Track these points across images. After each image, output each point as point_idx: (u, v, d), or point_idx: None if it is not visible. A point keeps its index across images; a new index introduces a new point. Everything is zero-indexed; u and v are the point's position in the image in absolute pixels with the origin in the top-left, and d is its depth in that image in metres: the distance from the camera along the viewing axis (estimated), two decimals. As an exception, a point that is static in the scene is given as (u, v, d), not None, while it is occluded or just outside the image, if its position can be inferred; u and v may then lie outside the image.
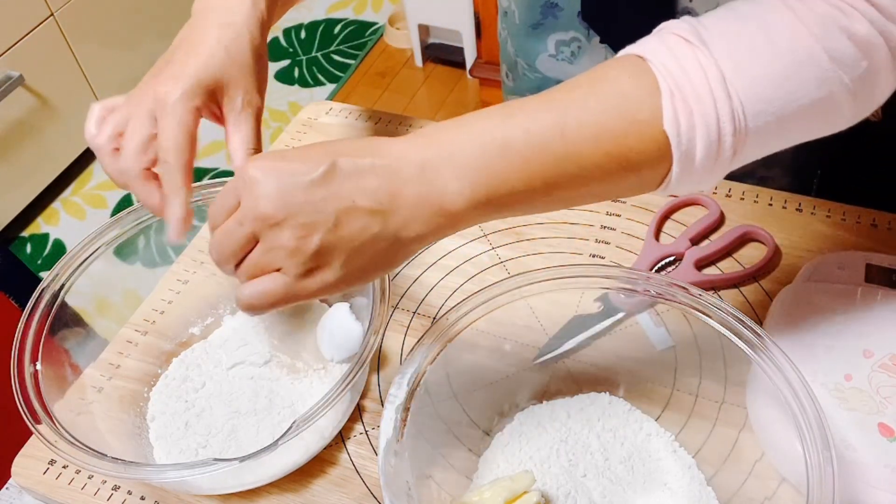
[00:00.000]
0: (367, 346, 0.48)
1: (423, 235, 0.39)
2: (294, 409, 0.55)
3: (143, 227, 0.57)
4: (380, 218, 0.38)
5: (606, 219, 0.65)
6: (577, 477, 0.49)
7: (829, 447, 0.40)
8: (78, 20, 1.73)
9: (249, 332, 0.59)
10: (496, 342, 0.55)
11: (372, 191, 0.38)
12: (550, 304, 0.54)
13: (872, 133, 0.62)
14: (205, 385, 0.57)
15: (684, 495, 0.48)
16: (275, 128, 1.93)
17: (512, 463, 0.50)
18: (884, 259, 0.56)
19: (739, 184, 0.67)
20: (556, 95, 0.40)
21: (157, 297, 0.63)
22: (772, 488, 0.47)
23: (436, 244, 0.65)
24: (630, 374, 0.54)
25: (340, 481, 0.52)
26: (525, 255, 0.63)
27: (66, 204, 1.80)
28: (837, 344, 0.51)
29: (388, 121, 0.77)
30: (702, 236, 0.63)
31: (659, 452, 0.50)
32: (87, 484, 0.53)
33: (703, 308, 0.47)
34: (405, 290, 0.62)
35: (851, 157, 0.74)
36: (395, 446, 0.43)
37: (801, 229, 0.63)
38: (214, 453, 0.53)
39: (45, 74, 1.67)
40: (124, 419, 0.55)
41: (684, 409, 0.51)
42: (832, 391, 0.49)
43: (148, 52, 1.95)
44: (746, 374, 0.48)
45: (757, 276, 0.60)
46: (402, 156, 0.39)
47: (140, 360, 0.59)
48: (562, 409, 0.53)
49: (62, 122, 1.75)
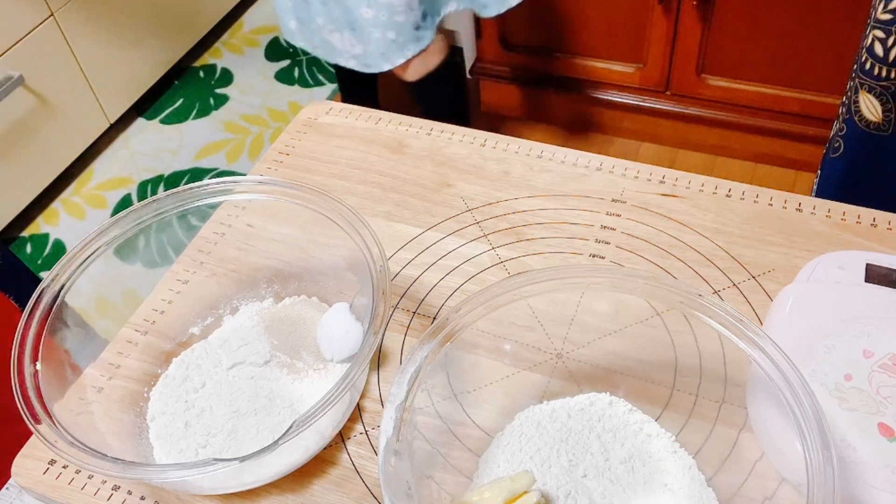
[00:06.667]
0: (367, 346, 0.48)
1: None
2: (294, 409, 0.55)
3: (143, 227, 0.57)
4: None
5: (606, 219, 0.65)
6: (578, 477, 0.49)
7: (829, 447, 0.40)
8: (78, 20, 1.73)
9: (249, 332, 0.59)
10: (496, 342, 0.55)
11: None
12: (550, 304, 0.54)
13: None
14: (205, 385, 0.57)
15: (684, 496, 0.48)
16: (275, 128, 1.93)
17: (512, 463, 0.50)
18: (884, 259, 0.56)
19: (739, 184, 0.67)
20: None
21: (157, 297, 0.63)
22: (772, 488, 0.47)
23: (436, 244, 0.65)
24: (630, 374, 0.54)
25: (340, 481, 0.52)
26: (525, 255, 0.63)
27: (66, 204, 1.80)
28: (837, 344, 0.51)
29: (388, 121, 0.77)
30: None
31: (659, 453, 0.50)
32: (87, 484, 0.53)
33: (704, 308, 0.47)
34: (405, 290, 0.62)
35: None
36: (395, 446, 0.43)
37: (801, 229, 0.63)
38: (214, 453, 0.53)
39: (45, 74, 1.67)
40: (124, 419, 0.55)
41: (684, 409, 0.51)
42: (832, 391, 0.49)
43: (148, 52, 1.96)
44: (746, 374, 0.48)
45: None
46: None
47: (140, 360, 0.59)
48: (562, 409, 0.53)
49: (62, 122, 1.74)
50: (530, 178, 0.70)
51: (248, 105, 2.00)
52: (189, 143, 1.91)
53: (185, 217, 0.59)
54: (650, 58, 1.59)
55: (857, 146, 0.88)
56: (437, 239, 0.65)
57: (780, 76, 1.52)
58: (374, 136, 0.75)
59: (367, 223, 0.54)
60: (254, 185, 0.57)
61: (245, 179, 0.58)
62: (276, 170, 0.73)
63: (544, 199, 0.68)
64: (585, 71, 1.67)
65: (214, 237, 0.65)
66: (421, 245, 0.65)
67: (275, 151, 0.75)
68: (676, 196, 0.67)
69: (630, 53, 1.61)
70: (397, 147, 0.74)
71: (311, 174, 0.72)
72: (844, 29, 1.39)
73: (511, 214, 0.67)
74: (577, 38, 1.63)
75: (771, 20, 1.45)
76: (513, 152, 0.72)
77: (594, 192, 0.68)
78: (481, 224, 0.66)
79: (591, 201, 0.67)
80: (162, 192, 0.86)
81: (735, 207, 0.65)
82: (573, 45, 1.64)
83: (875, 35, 0.80)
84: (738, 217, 0.64)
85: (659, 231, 0.64)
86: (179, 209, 0.57)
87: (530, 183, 0.69)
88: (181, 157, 1.88)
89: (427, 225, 0.67)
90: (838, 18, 1.39)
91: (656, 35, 1.54)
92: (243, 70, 2.10)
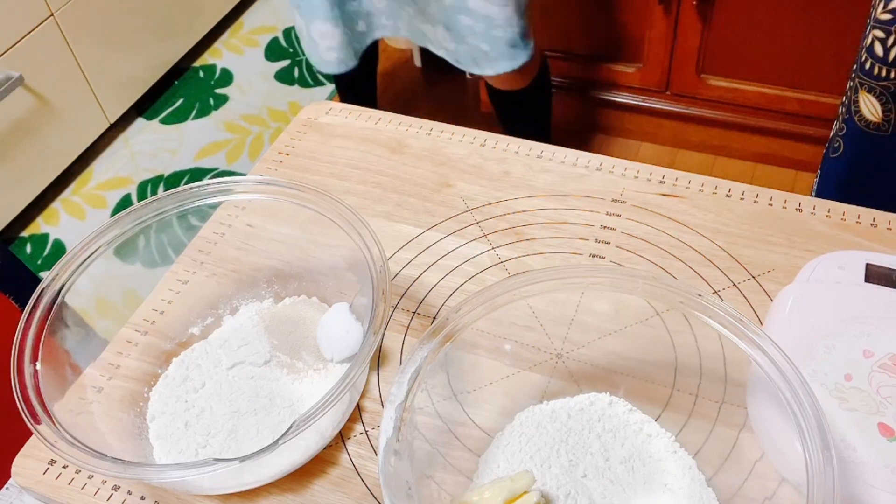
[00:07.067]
0: (367, 346, 0.48)
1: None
2: (294, 409, 0.55)
3: (143, 227, 0.57)
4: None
5: (606, 219, 0.65)
6: (578, 477, 0.49)
7: (829, 447, 0.40)
8: (78, 20, 1.73)
9: (249, 332, 0.59)
10: (496, 342, 0.55)
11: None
12: (550, 304, 0.54)
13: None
14: (205, 385, 0.57)
15: (685, 496, 0.48)
16: (275, 128, 1.93)
17: (512, 463, 0.50)
18: (884, 259, 0.56)
19: (739, 184, 0.67)
20: None
21: (157, 297, 0.63)
22: (772, 488, 0.47)
23: (436, 244, 0.65)
24: (630, 374, 0.54)
25: (340, 481, 0.52)
26: (525, 255, 0.63)
27: (66, 204, 1.80)
28: (837, 344, 0.51)
29: (388, 121, 0.77)
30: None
31: (659, 453, 0.50)
32: (87, 484, 0.53)
33: (703, 308, 0.47)
34: (405, 290, 0.62)
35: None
36: (395, 446, 0.43)
37: (801, 229, 0.63)
38: (214, 453, 0.53)
39: (45, 74, 1.67)
40: (124, 419, 0.55)
41: (684, 409, 0.51)
42: (832, 391, 0.49)
43: (148, 52, 1.96)
44: (746, 374, 0.48)
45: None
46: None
47: (140, 360, 0.59)
48: (562, 409, 0.53)
49: (62, 122, 1.75)
50: (530, 178, 0.70)
51: (248, 105, 2.00)
52: (189, 143, 1.91)
53: (185, 217, 0.59)
54: (650, 58, 1.59)
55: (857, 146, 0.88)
56: (437, 239, 0.65)
57: (780, 76, 1.52)
58: (374, 136, 0.75)
59: (367, 223, 0.54)
60: (254, 185, 0.57)
61: (245, 179, 0.58)
62: (276, 170, 0.73)
63: (544, 199, 0.68)
64: (585, 71, 1.67)
65: (214, 237, 0.65)
66: (421, 245, 0.65)
67: (275, 151, 0.75)
68: (676, 196, 0.67)
69: (630, 53, 1.61)
70: (397, 147, 0.74)
71: (310, 174, 0.72)
72: (844, 29, 1.39)
73: (511, 214, 0.67)
74: (577, 38, 1.63)
75: (771, 20, 1.45)
76: (513, 152, 0.72)
77: (594, 192, 0.68)
78: (481, 224, 0.66)
79: (591, 201, 0.67)
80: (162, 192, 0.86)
81: (735, 207, 0.65)
82: (573, 46, 1.64)
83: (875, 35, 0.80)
84: (738, 217, 0.64)
85: (659, 231, 0.64)
86: (179, 209, 0.57)
87: (530, 183, 0.69)
88: (181, 157, 1.88)
89: (427, 225, 0.67)
90: (838, 18, 1.39)
91: (656, 35, 1.54)
92: (243, 70, 2.10)
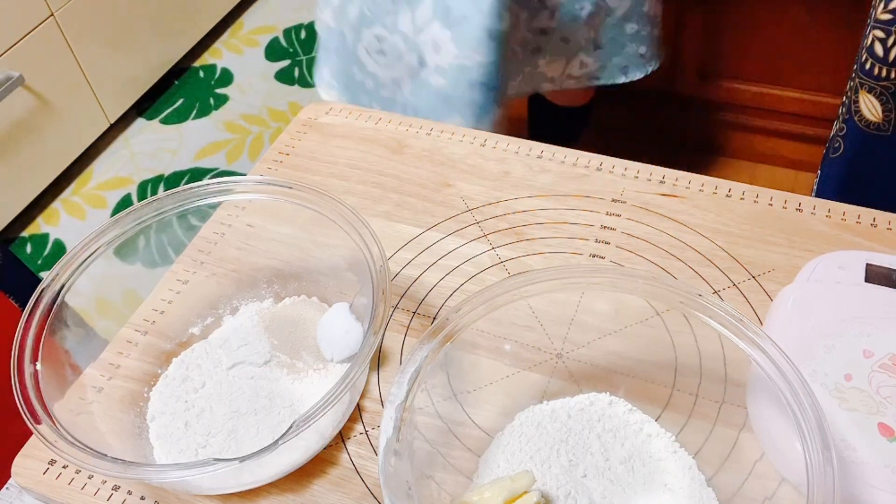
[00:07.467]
0: (367, 346, 0.48)
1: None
2: (294, 409, 0.55)
3: (143, 227, 0.57)
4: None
5: (606, 219, 0.65)
6: (578, 477, 0.49)
7: (829, 447, 0.40)
8: (78, 20, 1.73)
9: (249, 332, 0.59)
10: (496, 342, 0.55)
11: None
12: (550, 304, 0.54)
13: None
14: (205, 385, 0.57)
15: (685, 496, 0.48)
16: (275, 128, 1.93)
17: (512, 463, 0.50)
18: (884, 259, 0.56)
19: (739, 184, 0.67)
20: None
21: (157, 297, 0.63)
22: (772, 488, 0.47)
23: (436, 244, 0.65)
24: (630, 374, 0.54)
25: (340, 481, 0.52)
26: (525, 255, 0.63)
27: (66, 204, 1.80)
28: (837, 344, 0.51)
29: (388, 121, 0.77)
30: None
31: (659, 453, 0.50)
32: (87, 484, 0.53)
33: (703, 308, 0.47)
34: (405, 290, 0.62)
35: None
36: (395, 446, 0.43)
37: (801, 229, 0.63)
38: (214, 453, 0.53)
39: (45, 74, 1.67)
40: (124, 419, 0.55)
41: (684, 409, 0.51)
42: (832, 391, 0.49)
43: (148, 52, 1.96)
44: (746, 374, 0.48)
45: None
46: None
47: (140, 360, 0.59)
48: (562, 409, 0.53)
49: (62, 122, 1.75)
50: (530, 178, 0.70)
51: (248, 105, 2.00)
52: (189, 143, 1.91)
53: (185, 217, 0.59)
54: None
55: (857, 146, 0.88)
56: (437, 239, 0.65)
57: (780, 76, 1.52)
58: (374, 136, 0.75)
59: (366, 223, 0.54)
60: (254, 185, 0.57)
61: (245, 179, 0.58)
62: (276, 170, 0.73)
63: (544, 199, 0.68)
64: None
65: (214, 237, 0.65)
66: (421, 245, 0.65)
67: (275, 151, 0.75)
68: (676, 196, 0.67)
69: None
70: (397, 147, 0.74)
71: (310, 174, 0.72)
72: (844, 29, 1.39)
73: (511, 214, 0.67)
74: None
75: (771, 20, 1.45)
76: (513, 152, 0.72)
77: (594, 192, 0.68)
78: (481, 224, 0.66)
79: (591, 201, 0.67)
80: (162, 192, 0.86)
81: (735, 207, 0.65)
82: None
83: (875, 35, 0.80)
84: (738, 217, 0.64)
85: (659, 231, 0.64)
86: (179, 209, 0.57)
87: (530, 183, 0.69)
88: (181, 157, 1.88)
89: (427, 225, 0.67)
90: (838, 18, 1.39)
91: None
92: (243, 70, 2.10)
